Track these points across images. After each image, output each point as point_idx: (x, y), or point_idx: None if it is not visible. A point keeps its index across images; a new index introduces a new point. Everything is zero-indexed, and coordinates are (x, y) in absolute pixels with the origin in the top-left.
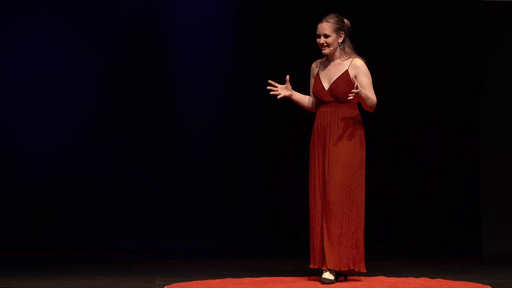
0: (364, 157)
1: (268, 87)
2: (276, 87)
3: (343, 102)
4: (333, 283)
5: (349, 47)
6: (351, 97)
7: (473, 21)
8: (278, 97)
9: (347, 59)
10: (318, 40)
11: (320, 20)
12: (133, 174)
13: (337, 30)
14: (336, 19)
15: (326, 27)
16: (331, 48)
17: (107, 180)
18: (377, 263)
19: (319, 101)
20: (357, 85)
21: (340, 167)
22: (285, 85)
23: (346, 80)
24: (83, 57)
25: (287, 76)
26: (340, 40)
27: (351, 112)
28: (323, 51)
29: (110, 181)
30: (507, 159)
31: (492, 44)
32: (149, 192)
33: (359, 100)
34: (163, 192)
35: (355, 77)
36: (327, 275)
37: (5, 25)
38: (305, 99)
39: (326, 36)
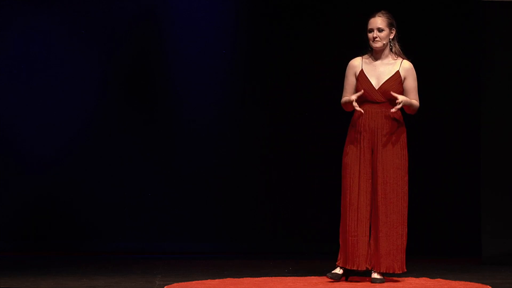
0: (408, 157)
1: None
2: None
3: (393, 102)
4: (384, 281)
5: (399, 46)
6: (394, 110)
7: (473, 21)
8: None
9: (396, 59)
10: (370, 34)
11: (372, 15)
12: (133, 174)
13: (390, 26)
14: (389, 14)
15: (379, 21)
16: (384, 42)
17: (107, 180)
18: None
19: (365, 100)
20: (398, 99)
21: (393, 170)
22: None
23: (398, 82)
24: (83, 57)
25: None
26: (392, 36)
27: (398, 113)
28: (375, 45)
29: (110, 181)
30: (507, 159)
31: (492, 44)
32: (149, 192)
33: (403, 107)
34: (163, 192)
35: (404, 78)
36: (376, 275)
37: (5, 25)
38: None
39: (380, 30)
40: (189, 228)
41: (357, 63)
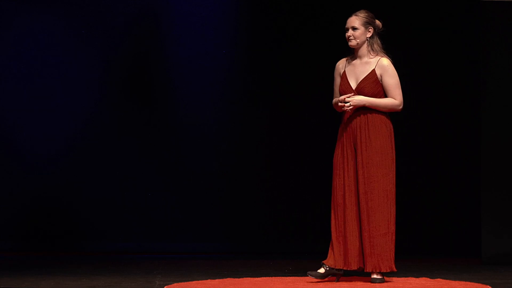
0: (394, 155)
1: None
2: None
3: None
4: (383, 281)
5: (378, 45)
6: (345, 109)
7: (473, 21)
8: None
9: (374, 57)
10: (346, 34)
11: (350, 15)
12: (133, 174)
13: (366, 24)
14: (366, 14)
15: (354, 19)
16: (358, 41)
17: (107, 180)
18: None
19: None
20: (346, 99)
21: (376, 169)
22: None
23: (373, 80)
24: (83, 57)
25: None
26: (369, 35)
27: (381, 112)
28: (349, 43)
29: (110, 181)
30: (507, 159)
31: (492, 44)
32: (149, 192)
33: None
34: (163, 192)
35: (381, 76)
36: (375, 275)
37: (5, 25)
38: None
39: (354, 28)
40: (189, 228)
41: (341, 65)
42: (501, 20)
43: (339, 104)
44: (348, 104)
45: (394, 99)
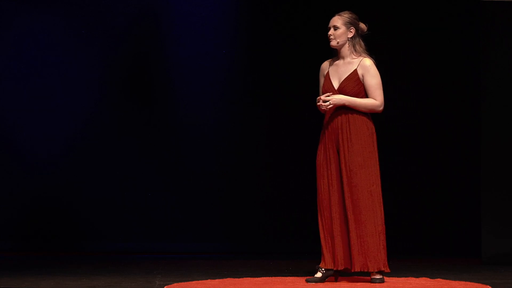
0: (377, 155)
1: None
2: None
3: None
4: (383, 281)
5: (360, 45)
6: (323, 109)
7: (473, 21)
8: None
9: (356, 58)
10: (328, 33)
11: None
12: (133, 174)
13: (348, 24)
14: (349, 14)
15: (337, 19)
16: (338, 41)
17: (107, 180)
18: None
19: None
20: (326, 99)
21: (358, 169)
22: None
23: (355, 80)
24: (83, 57)
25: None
26: (350, 35)
27: (363, 112)
28: (330, 43)
29: (110, 181)
30: (507, 159)
31: (492, 44)
32: (149, 192)
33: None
34: (163, 192)
35: (363, 76)
36: (376, 275)
37: (5, 25)
38: None
39: (336, 28)
40: (189, 228)
41: (325, 66)
42: (501, 20)
43: (318, 103)
44: (328, 103)
45: (375, 99)
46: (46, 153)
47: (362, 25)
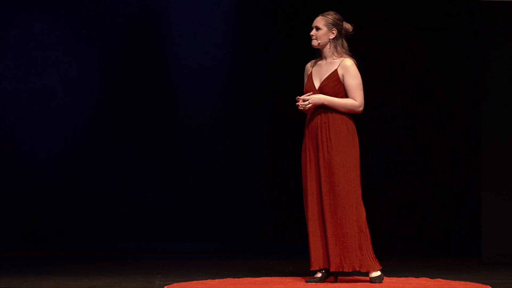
0: (359, 155)
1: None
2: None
3: None
4: (382, 279)
5: (342, 46)
6: (302, 108)
7: (473, 21)
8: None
9: (338, 58)
10: (310, 33)
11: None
12: (133, 174)
13: (330, 25)
14: (333, 15)
15: (319, 20)
16: (319, 41)
17: (107, 180)
18: None
19: None
20: (305, 98)
21: (336, 168)
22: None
23: (334, 80)
24: (83, 57)
25: (311, 92)
26: (332, 36)
27: (341, 112)
28: (312, 43)
29: (110, 181)
30: (507, 159)
31: (492, 44)
32: (149, 192)
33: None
34: (163, 192)
35: (343, 76)
36: (373, 274)
37: (5, 25)
38: None
39: (317, 28)
40: (189, 228)
41: (309, 66)
42: (501, 20)
43: (297, 103)
44: (307, 102)
45: (355, 100)
46: (46, 153)
47: (347, 26)
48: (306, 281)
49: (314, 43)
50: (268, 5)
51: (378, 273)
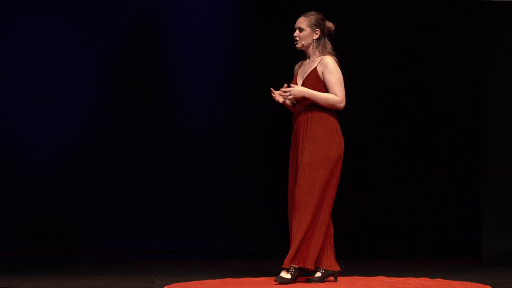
0: (337, 154)
1: (271, 94)
2: (274, 93)
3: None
4: (287, 283)
5: (325, 46)
6: (282, 100)
7: (473, 21)
8: (280, 101)
9: (319, 56)
10: (294, 34)
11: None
12: (133, 174)
13: (313, 26)
14: (315, 16)
15: (302, 21)
16: (303, 43)
17: (107, 180)
18: (377, 263)
19: (296, 100)
20: (284, 90)
21: (306, 165)
22: (279, 91)
23: (314, 77)
24: (83, 57)
25: (285, 85)
26: (315, 37)
27: (324, 110)
28: (295, 45)
29: (110, 181)
30: (507, 159)
31: (492, 44)
32: (149, 192)
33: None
34: (163, 192)
35: (322, 73)
36: (283, 273)
37: (5, 25)
38: (293, 104)
39: (300, 29)
40: (189, 228)
41: (296, 67)
42: (501, 20)
43: (272, 94)
44: (287, 93)
45: (336, 95)
46: (46, 153)
47: (329, 25)
48: (306, 281)
49: (298, 45)
50: (268, 5)
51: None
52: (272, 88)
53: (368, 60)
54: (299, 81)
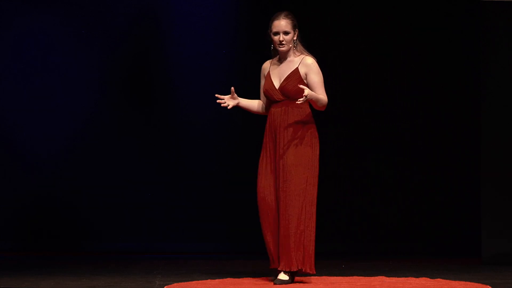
0: (316, 155)
1: (217, 101)
2: (223, 99)
3: (294, 100)
4: (286, 283)
5: (301, 45)
6: (301, 102)
7: (473, 21)
8: (229, 107)
9: (298, 56)
10: (276, 37)
11: (276, 17)
12: (133, 174)
13: (294, 27)
14: (292, 15)
15: (285, 24)
16: (290, 45)
17: (107, 180)
18: (377, 263)
19: (270, 101)
20: (305, 90)
21: (291, 168)
22: (230, 95)
23: (296, 78)
24: (83, 57)
25: (232, 88)
26: (295, 37)
27: (302, 111)
28: (281, 48)
29: (110, 181)
30: (507, 159)
31: (492, 44)
32: (149, 192)
33: (310, 102)
34: (163, 192)
35: (305, 75)
36: (281, 276)
37: (5, 25)
38: (253, 104)
39: (286, 33)
40: (189, 228)
41: (266, 66)
42: (501, 20)
43: (218, 101)
44: (304, 98)
45: (323, 96)
46: (46, 153)
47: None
48: (274, 282)
49: (285, 48)
50: (268, 5)
51: (288, 276)
52: (217, 95)
53: (368, 60)
54: (276, 82)
